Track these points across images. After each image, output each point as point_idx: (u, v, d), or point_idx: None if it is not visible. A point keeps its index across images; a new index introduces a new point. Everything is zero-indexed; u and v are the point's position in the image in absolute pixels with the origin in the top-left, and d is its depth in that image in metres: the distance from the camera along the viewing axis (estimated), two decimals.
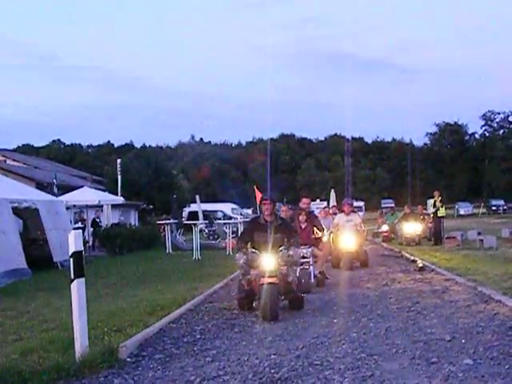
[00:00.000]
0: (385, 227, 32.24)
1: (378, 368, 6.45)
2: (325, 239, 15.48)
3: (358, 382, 6.00)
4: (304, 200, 15.09)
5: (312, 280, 13.47)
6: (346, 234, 17.97)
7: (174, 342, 8.26)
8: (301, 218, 14.41)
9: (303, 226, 14.39)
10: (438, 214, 26.94)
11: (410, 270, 16.67)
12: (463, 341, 7.52)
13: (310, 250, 13.81)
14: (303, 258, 13.11)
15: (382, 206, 64.36)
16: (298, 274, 10.92)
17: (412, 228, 27.62)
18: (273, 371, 6.52)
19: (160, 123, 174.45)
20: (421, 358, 6.81)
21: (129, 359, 7.26)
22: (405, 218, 28.88)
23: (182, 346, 8.01)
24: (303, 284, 11.49)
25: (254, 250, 10.26)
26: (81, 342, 6.96)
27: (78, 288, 6.98)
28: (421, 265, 16.78)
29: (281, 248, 10.08)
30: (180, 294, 12.50)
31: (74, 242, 7.02)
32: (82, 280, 7.06)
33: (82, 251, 7.13)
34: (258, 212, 11.88)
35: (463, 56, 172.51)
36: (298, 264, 11.40)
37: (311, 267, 13.74)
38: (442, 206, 27.20)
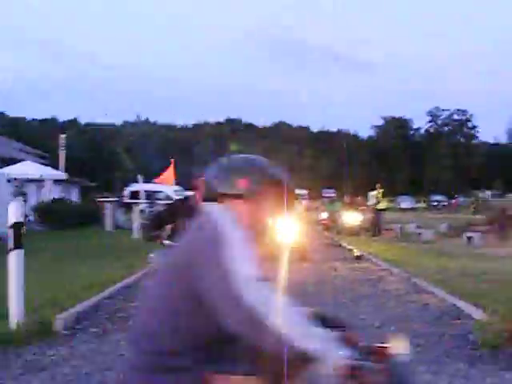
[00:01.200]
0: (324, 215, 32.46)
1: None
2: None
3: None
4: None
5: None
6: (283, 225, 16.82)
7: (108, 317, 8.33)
8: None
9: None
10: (379, 207, 27.34)
11: (348, 258, 16.93)
12: (392, 328, 7.76)
13: None
14: None
15: (323, 195, 64.86)
16: None
17: (352, 218, 27.95)
18: None
19: (106, 101, 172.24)
20: None
21: (64, 332, 7.30)
22: (345, 208, 29.26)
23: (117, 321, 8.08)
24: None
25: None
26: (16, 313, 6.95)
27: (15, 258, 6.96)
28: (357, 254, 17.04)
29: None
30: (117, 272, 12.52)
31: (14, 212, 7.00)
32: (21, 251, 7.04)
33: (21, 222, 7.11)
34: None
35: (415, 52, 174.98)
36: None
37: None
38: (382, 199, 27.62)
